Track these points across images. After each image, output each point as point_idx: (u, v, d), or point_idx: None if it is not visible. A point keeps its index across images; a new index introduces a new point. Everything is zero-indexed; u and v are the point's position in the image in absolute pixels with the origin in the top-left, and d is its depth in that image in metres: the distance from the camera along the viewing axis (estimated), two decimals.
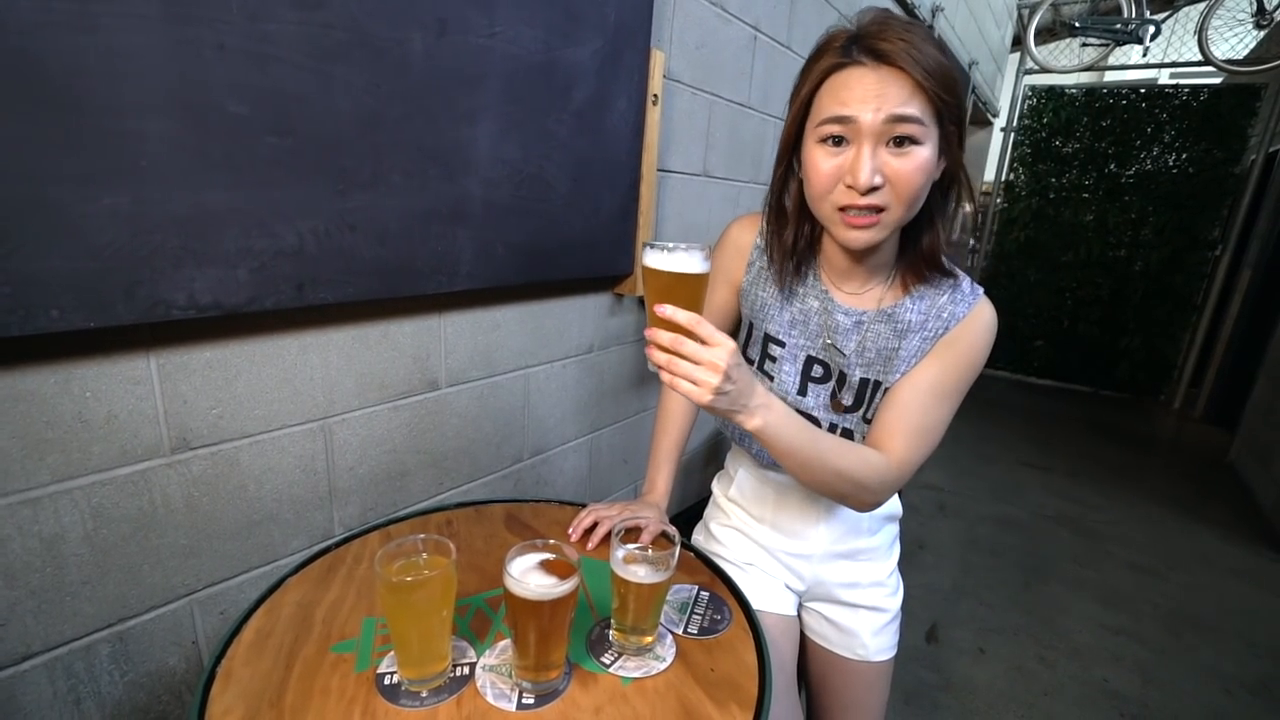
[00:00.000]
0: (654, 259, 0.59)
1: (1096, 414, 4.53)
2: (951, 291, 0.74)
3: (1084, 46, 4.61)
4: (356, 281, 0.82)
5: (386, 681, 0.59)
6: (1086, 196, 4.79)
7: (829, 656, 0.95)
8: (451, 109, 0.88)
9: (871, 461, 0.70)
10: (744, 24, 1.57)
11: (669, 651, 0.67)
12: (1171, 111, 4.48)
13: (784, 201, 0.77)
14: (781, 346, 0.81)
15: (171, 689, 0.80)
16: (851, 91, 0.63)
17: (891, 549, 0.94)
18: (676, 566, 0.65)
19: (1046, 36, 4.83)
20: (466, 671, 0.62)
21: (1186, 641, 2.04)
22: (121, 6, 0.58)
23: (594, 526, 0.86)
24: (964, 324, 0.73)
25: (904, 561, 0.97)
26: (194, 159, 0.65)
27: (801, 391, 0.81)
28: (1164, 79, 5.30)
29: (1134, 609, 2.20)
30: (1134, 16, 4.15)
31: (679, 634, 0.70)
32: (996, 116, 5.04)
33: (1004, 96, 5.02)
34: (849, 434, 0.80)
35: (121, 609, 0.74)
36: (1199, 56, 4.06)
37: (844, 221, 0.67)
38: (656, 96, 1.25)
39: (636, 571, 0.63)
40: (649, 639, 0.66)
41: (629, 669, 0.64)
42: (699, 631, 0.71)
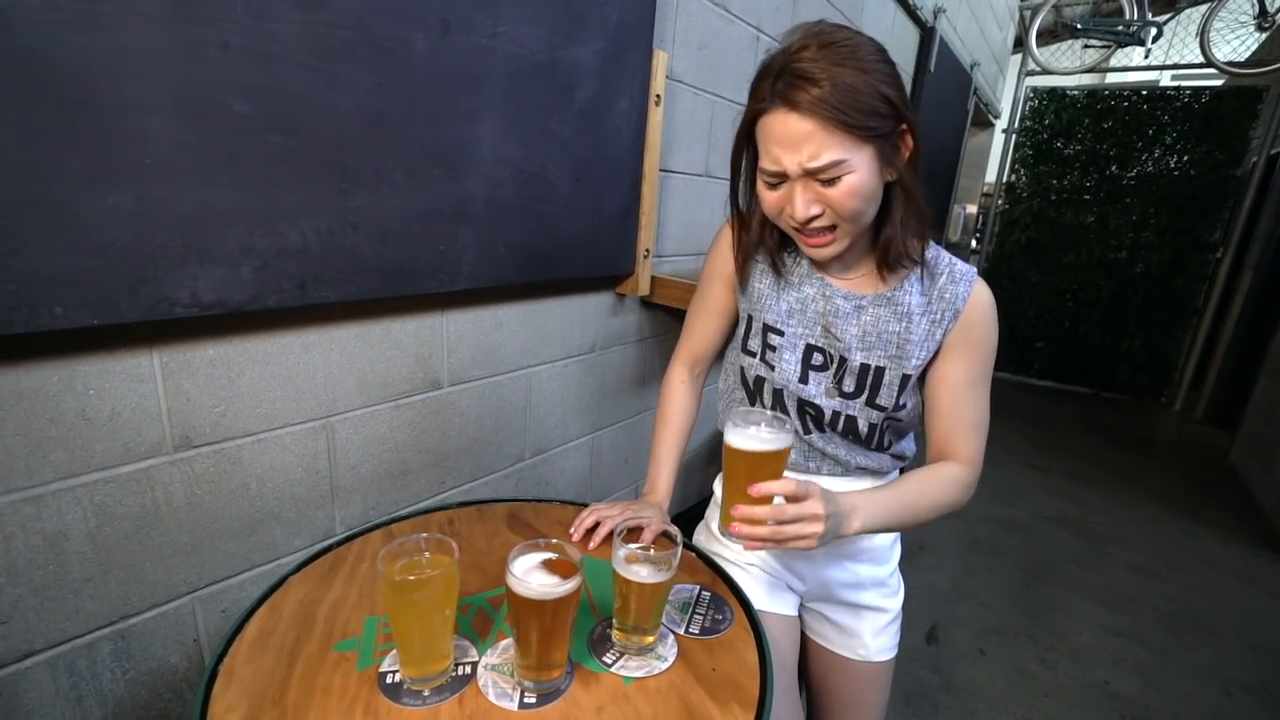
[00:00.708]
0: (741, 440, 0.66)
1: (1097, 415, 4.53)
2: (949, 271, 0.78)
3: (1086, 48, 4.61)
4: (359, 280, 0.83)
5: (389, 680, 0.59)
6: (1088, 198, 4.78)
7: (830, 656, 0.95)
8: (454, 108, 0.88)
9: (954, 479, 0.76)
10: (746, 25, 1.57)
11: (670, 651, 0.67)
12: (1173, 113, 4.47)
13: (743, 209, 0.82)
14: (780, 336, 0.83)
15: (173, 687, 0.81)
16: (778, 143, 0.67)
17: (892, 549, 0.94)
18: (678, 566, 0.65)
19: (1048, 38, 4.83)
20: (468, 670, 0.62)
21: (1187, 643, 2.03)
22: (126, 5, 0.58)
23: (596, 526, 0.86)
24: (970, 311, 0.76)
25: (904, 562, 0.97)
26: (198, 157, 0.65)
27: (803, 380, 0.82)
28: (1166, 81, 5.31)
29: (1134, 610, 2.20)
30: (1136, 18, 4.15)
31: (680, 634, 0.70)
32: (998, 118, 5.03)
33: (1005, 98, 5.01)
34: (852, 420, 0.80)
35: (124, 607, 0.74)
36: (1201, 58, 4.06)
37: (803, 240, 0.74)
38: (659, 97, 1.25)
39: (638, 571, 0.63)
40: (651, 639, 0.66)
41: (631, 669, 0.64)
42: (700, 631, 0.71)
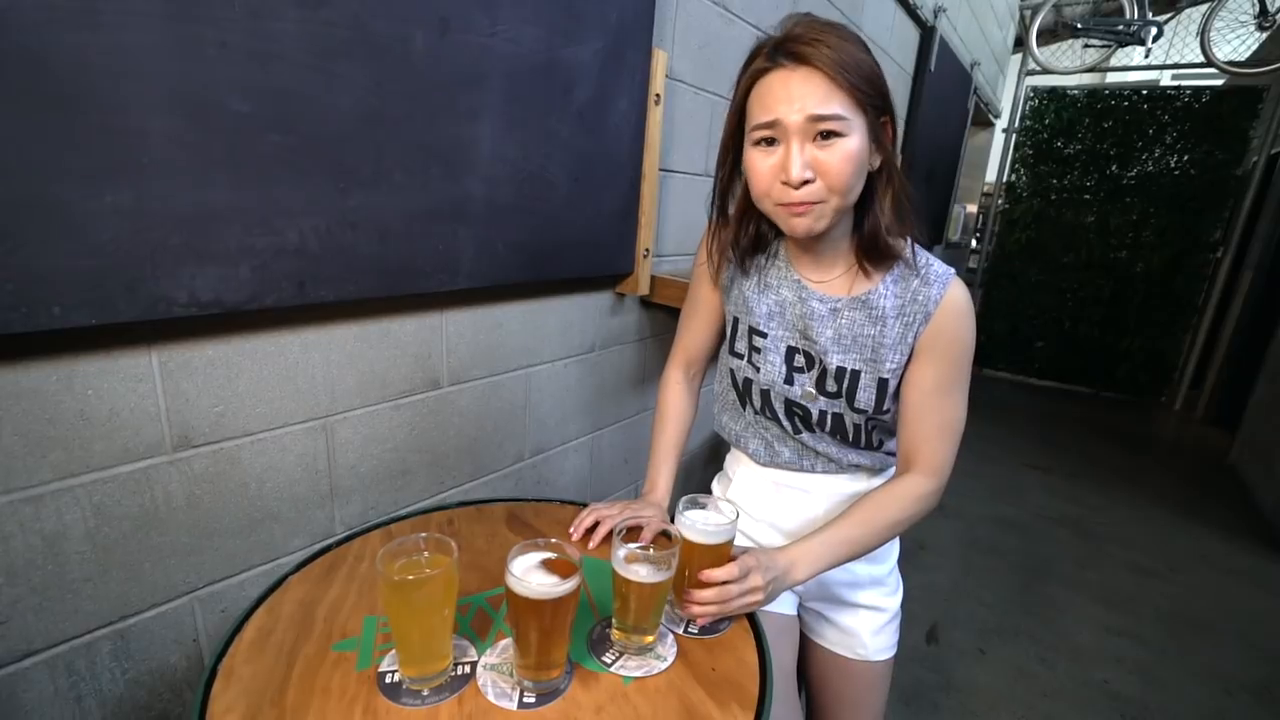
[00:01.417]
0: (689, 533, 0.69)
1: (1097, 415, 4.53)
2: (924, 273, 0.76)
3: (1086, 48, 4.61)
4: (358, 280, 0.83)
5: (388, 680, 0.59)
6: (1088, 198, 4.78)
7: (829, 656, 0.95)
8: (453, 108, 0.88)
9: (910, 494, 0.77)
10: (746, 24, 1.57)
11: (670, 651, 0.67)
12: (1173, 113, 4.47)
13: (727, 202, 0.82)
14: (764, 338, 0.83)
15: (172, 687, 0.81)
16: (775, 95, 0.67)
17: (891, 549, 0.93)
18: (678, 566, 0.65)
19: (1048, 38, 4.82)
20: (468, 670, 0.62)
21: (1187, 643, 2.03)
22: (124, 4, 0.58)
23: (595, 526, 0.86)
24: (942, 313, 0.74)
25: (904, 561, 0.97)
26: (196, 156, 0.65)
27: (788, 381, 0.82)
28: (1166, 80, 5.31)
29: (1134, 610, 2.19)
30: (1136, 18, 4.15)
31: (680, 633, 0.70)
32: (998, 117, 5.03)
33: (1006, 98, 5.02)
34: (839, 420, 0.81)
35: (123, 607, 0.74)
36: (1201, 58, 4.06)
37: (786, 213, 0.72)
38: (659, 96, 1.25)
39: (638, 571, 0.63)
40: (650, 638, 0.66)
41: (630, 668, 0.64)
42: (700, 631, 0.71)
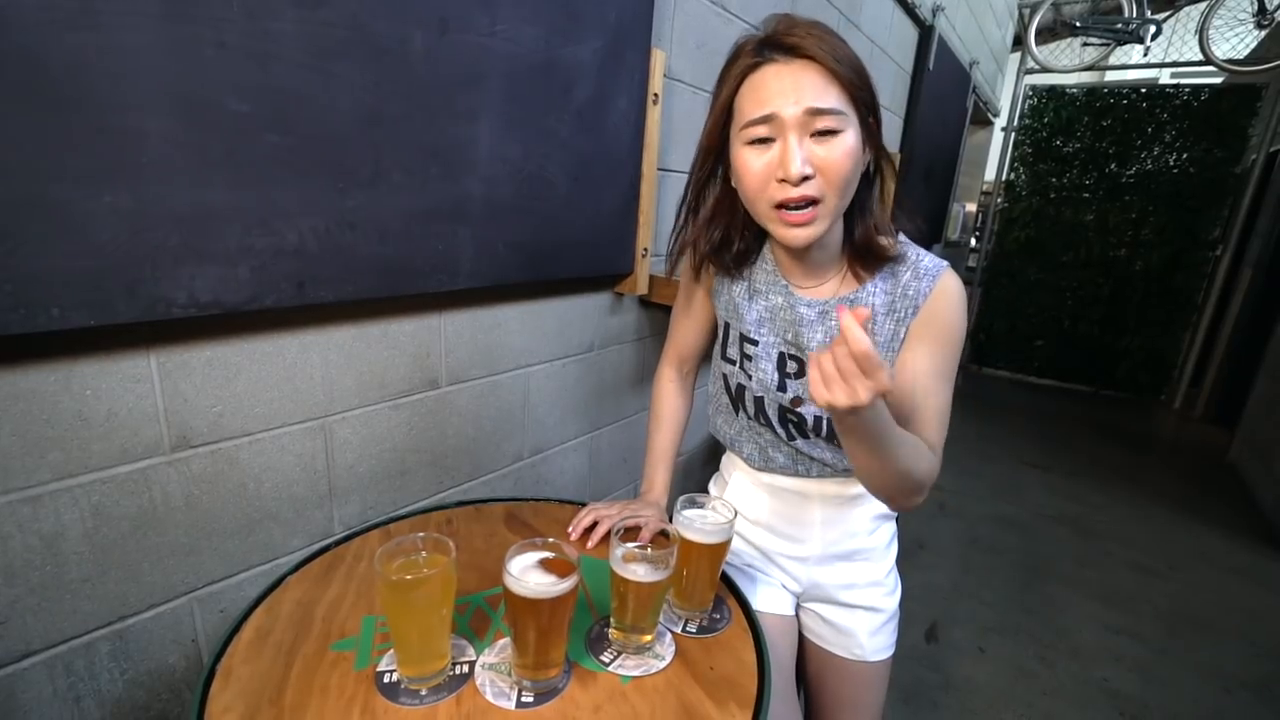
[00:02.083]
0: (691, 534, 0.70)
1: (1097, 413, 4.53)
2: (914, 267, 0.74)
3: (1085, 46, 4.60)
4: (357, 280, 0.82)
5: (386, 679, 0.59)
6: (1087, 196, 4.78)
7: (826, 656, 0.95)
8: (452, 107, 0.88)
9: (927, 455, 0.69)
10: (745, 24, 1.57)
11: (668, 650, 0.67)
12: (1172, 111, 4.47)
13: (699, 205, 0.80)
14: (755, 345, 0.82)
15: (171, 687, 0.81)
16: (769, 89, 0.65)
17: (889, 548, 0.93)
18: (676, 565, 0.65)
19: (1047, 36, 4.82)
20: (466, 670, 0.62)
21: (1186, 640, 2.04)
22: (122, 4, 0.58)
23: (594, 525, 0.86)
24: (934, 300, 0.72)
25: (903, 561, 0.96)
26: (195, 157, 0.65)
27: (781, 387, 0.81)
28: (1165, 79, 5.29)
29: (1134, 608, 2.20)
30: (1135, 16, 4.15)
31: (678, 633, 0.70)
32: (997, 116, 5.03)
33: (1005, 96, 5.01)
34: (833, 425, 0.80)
35: (121, 607, 0.74)
36: (1200, 56, 4.05)
37: (782, 220, 0.68)
38: (657, 96, 1.25)
39: (636, 570, 0.63)
40: (648, 638, 0.66)
41: (628, 667, 0.64)
42: (698, 630, 0.71)
